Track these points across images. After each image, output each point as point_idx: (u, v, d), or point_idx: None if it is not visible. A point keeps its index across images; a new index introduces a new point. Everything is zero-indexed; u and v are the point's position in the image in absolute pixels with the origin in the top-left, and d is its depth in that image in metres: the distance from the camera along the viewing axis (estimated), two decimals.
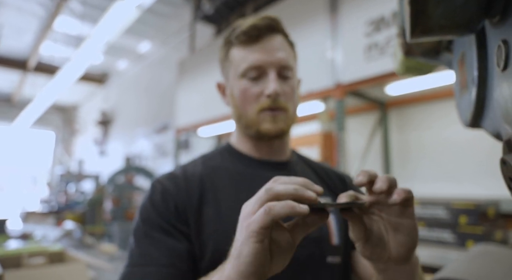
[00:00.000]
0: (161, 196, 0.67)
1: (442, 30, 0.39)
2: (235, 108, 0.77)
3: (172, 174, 0.72)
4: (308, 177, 0.78)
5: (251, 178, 0.73)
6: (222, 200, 0.68)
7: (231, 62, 0.76)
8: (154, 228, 0.64)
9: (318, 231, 0.70)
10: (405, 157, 2.87)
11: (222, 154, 0.79)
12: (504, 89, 0.37)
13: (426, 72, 0.76)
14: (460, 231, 1.93)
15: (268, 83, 0.72)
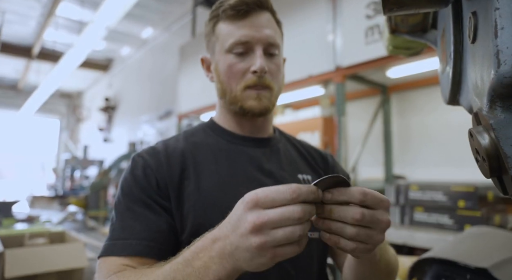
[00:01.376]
0: (143, 171, 0.67)
1: (415, 4, 0.38)
2: (220, 83, 0.75)
3: (153, 148, 0.72)
4: (289, 155, 0.81)
5: (232, 154, 0.74)
6: (203, 174, 0.68)
7: (218, 36, 0.75)
8: (135, 203, 0.64)
9: None
10: (406, 141, 2.86)
11: (204, 130, 0.79)
12: (474, 60, 0.37)
13: (416, 51, 0.75)
14: (459, 215, 1.94)
15: (254, 60, 0.71)
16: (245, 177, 0.70)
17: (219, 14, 0.74)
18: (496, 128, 0.32)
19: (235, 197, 0.57)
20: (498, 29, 0.29)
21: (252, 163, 0.73)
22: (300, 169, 0.79)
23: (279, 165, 0.76)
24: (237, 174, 0.71)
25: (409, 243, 1.96)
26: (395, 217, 2.23)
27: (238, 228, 0.44)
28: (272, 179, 0.73)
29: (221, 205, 0.64)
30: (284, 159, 0.78)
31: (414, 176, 2.78)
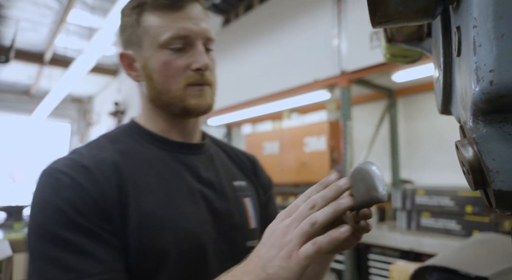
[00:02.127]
0: (73, 191, 0.54)
1: (402, 17, 0.39)
2: (152, 82, 0.66)
3: (77, 161, 0.58)
4: (222, 161, 0.77)
5: (169, 163, 0.66)
6: (142, 190, 0.59)
7: (147, 29, 0.65)
8: (74, 231, 0.51)
9: (239, 218, 0.69)
10: (413, 145, 2.84)
11: (130, 136, 0.68)
12: (460, 74, 0.37)
13: (414, 59, 0.76)
14: (467, 220, 1.91)
15: (196, 56, 0.65)
16: (187, 189, 0.64)
17: (146, 2, 0.65)
18: (479, 142, 0.32)
19: (181, 213, 0.60)
20: (476, 46, 0.30)
21: (191, 173, 0.67)
22: (234, 175, 0.76)
23: (216, 173, 0.71)
24: (178, 186, 0.64)
25: (416, 249, 1.94)
26: (402, 222, 2.22)
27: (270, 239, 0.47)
28: (212, 190, 0.68)
29: (169, 224, 0.59)
30: (219, 166, 0.74)
31: (421, 181, 2.75)
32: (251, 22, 3.35)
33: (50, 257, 0.50)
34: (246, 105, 3.35)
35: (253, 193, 0.77)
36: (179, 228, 0.59)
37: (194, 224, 0.61)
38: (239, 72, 3.45)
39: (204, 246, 0.61)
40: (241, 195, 0.73)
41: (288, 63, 2.82)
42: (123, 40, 0.70)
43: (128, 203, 0.57)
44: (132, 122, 0.72)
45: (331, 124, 3.00)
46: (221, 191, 0.70)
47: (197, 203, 0.64)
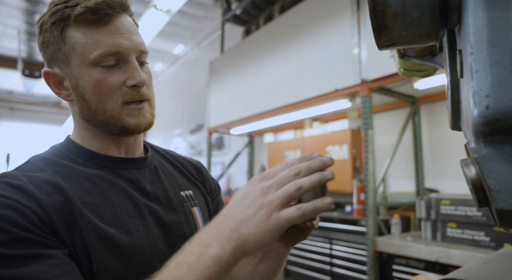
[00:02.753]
0: (13, 209, 0.49)
1: (406, 40, 0.41)
2: (85, 102, 0.62)
3: (10, 184, 0.53)
4: (167, 171, 0.74)
5: (113, 181, 0.63)
6: (88, 211, 0.56)
7: (73, 46, 0.60)
8: (19, 245, 0.48)
9: (188, 229, 0.68)
10: (437, 154, 2.77)
11: (67, 156, 0.64)
12: (463, 94, 0.39)
13: (428, 72, 0.76)
14: (496, 231, 1.85)
15: (131, 72, 0.62)
16: (132, 206, 0.62)
17: (68, 16, 0.59)
18: (480, 162, 0.33)
19: (128, 231, 0.59)
20: (473, 72, 0.31)
21: (135, 188, 0.65)
22: (181, 185, 0.74)
23: (161, 186, 0.70)
24: (123, 203, 0.61)
25: (442, 260, 1.89)
26: (427, 233, 2.16)
27: (245, 200, 0.46)
28: (159, 203, 0.67)
29: (116, 244, 0.57)
30: (164, 178, 0.72)
31: (447, 190, 2.67)
32: (271, 33, 3.40)
33: None
34: (268, 115, 3.38)
35: (202, 201, 0.76)
36: (126, 245, 0.57)
37: (141, 240, 0.60)
38: (261, 82, 3.50)
39: (152, 262, 0.60)
40: (189, 204, 0.72)
41: (309, 72, 2.84)
42: (47, 57, 0.64)
43: (73, 220, 0.54)
44: (68, 141, 0.67)
45: (353, 132, 2.98)
46: (168, 203, 0.68)
47: (144, 218, 0.62)
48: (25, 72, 6.85)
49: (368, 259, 2.27)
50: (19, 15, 6.34)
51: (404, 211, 2.72)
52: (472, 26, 0.32)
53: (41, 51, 0.65)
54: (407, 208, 2.73)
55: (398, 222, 2.31)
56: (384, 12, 0.39)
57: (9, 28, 6.72)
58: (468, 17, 0.32)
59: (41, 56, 0.66)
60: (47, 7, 0.63)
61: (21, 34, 6.67)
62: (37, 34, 0.64)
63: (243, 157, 4.99)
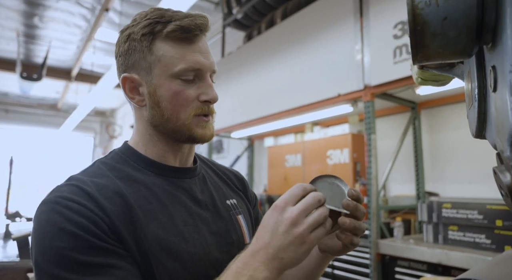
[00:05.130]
0: (85, 216, 0.54)
1: (441, 57, 0.45)
2: (160, 109, 0.67)
3: (82, 189, 0.58)
4: (213, 181, 0.80)
5: (169, 190, 0.68)
6: (147, 218, 0.61)
7: (159, 57, 0.65)
8: (93, 253, 0.52)
9: (236, 236, 0.73)
10: (438, 158, 2.82)
11: (127, 162, 0.68)
12: (496, 108, 0.42)
13: (444, 82, 0.80)
14: (497, 234, 1.90)
15: (205, 88, 0.68)
16: (187, 214, 0.67)
17: (160, 31, 0.65)
18: None
19: (184, 240, 0.63)
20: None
21: (188, 197, 0.69)
22: (226, 194, 0.79)
23: (209, 195, 0.74)
24: (179, 211, 0.66)
25: (444, 263, 1.93)
26: (429, 236, 2.21)
27: (278, 229, 0.53)
28: (209, 211, 0.71)
29: (174, 250, 0.61)
30: (211, 187, 0.77)
31: (446, 193, 2.73)
32: (274, 38, 3.44)
33: None
34: (269, 119, 3.42)
35: (245, 210, 0.81)
36: (183, 253, 0.62)
37: (196, 247, 0.64)
38: (263, 86, 3.54)
39: (207, 267, 0.64)
40: (234, 213, 0.76)
41: (312, 77, 2.89)
42: (127, 63, 0.68)
43: (135, 229, 0.58)
44: (127, 147, 0.71)
45: (353, 136, 3.02)
46: (216, 211, 0.73)
47: (197, 226, 0.67)
48: (23, 75, 6.82)
49: (371, 262, 2.31)
50: (17, 17, 6.33)
51: (405, 214, 2.77)
52: (511, 48, 0.35)
53: (121, 57, 0.69)
54: (407, 211, 2.77)
55: (401, 225, 2.36)
56: (423, 32, 0.42)
57: (7, 30, 6.70)
58: (508, 38, 0.36)
59: (117, 62, 0.70)
60: (136, 18, 0.68)
61: (20, 36, 6.65)
62: (121, 41, 0.68)
63: (243, 160, 5.01)
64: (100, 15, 5.73)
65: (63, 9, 6.00)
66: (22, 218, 3.63)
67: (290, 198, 0.55)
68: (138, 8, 5.95)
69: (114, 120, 13.30)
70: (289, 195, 0.55)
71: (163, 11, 0.66)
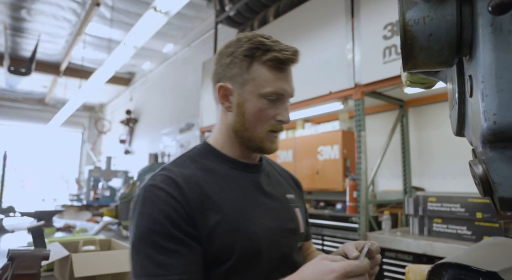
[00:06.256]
0: (168, 204, 0.69)
1: (427, 66, 0.52)
2: (242, 118, 0.80)
3: (170, 178, 0.72)
4: (275, 177, 0.93)
5: (240, 180, 0.81)
6: (221, 202, 0.74)
7: (254, 77, 0.79)
8: (166, 238, 0.67)
9: (293, 224, 0.85)
10: (424, 154, 2.94)
11: (206, 156, 0.83)
12: (472, 110, 0.50)
13: (430, 85, 0.88)
14: (477, 225, 2.01)
15: (282, 110, 0.81)
16: (255, 202, 0.80)
17: (261, 57, 0.78)
18: (486, 162, 0.45)
19: (253, 222, 0.77)
20: (484, 96, 0.42)
21: (257, 188, 0.83)
22: (286, 189, 0.92)
23: (273, 188, 0.87)
24: (248, 199, 0.79)
25: (429, 253, 2.04)
26: (415, 228, 2.32)
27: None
28: (273, 201, 0.84)
29: (243, 230, 0.74)
30: (274, 182, 0.90)
31: (432, 188, 2.85)
32: None
33: (149, 256, 0.66)
34: None
35: (301, 205, 0.93)
36: (251, 234, 0.75)
37: (262, 230, 0.77)
38: None
39: (270, 248, 0.77)
40: (292, 206, 0.88)
41: (304, 75, 2.96)
42: (225, 74, 0.82)
43: (210, 213, 0.72)
44: (206, 145, 0.86)
45: (344, 133, 3.12)
46: (279, 202, 0.85)
47: (263, 213, 0.80)
48: (11, 68, 6.72)
49: None
50: (4, 10, 6.22)
51: (392, 208, 2.88)
52: (483, 62, 0.43)
53: (221, 67, 0.82)
54: (394, 206, 2.89)
55: (388, 218, 2.46)
56: (412, 45, 0.50)
57: None
58: (480, 54, 0.43)
59: (216, 69, 0.84)
60: (241, 38, 0.82)
61: (7, 29, 6.54)
62: (224, 54, 0.82)
63: None
64: (91, 9, 5.69)
65: (52, 2, 5.93)
66: (16, 213, 3.63)
67: (350, 272, 0.60)
68: (129, 4, 5.92)
69: (103, 115, 13.19)
70: (350, 269, 0.60)
71: (264, 39, 0.80)
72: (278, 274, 0.75)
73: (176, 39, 7.53)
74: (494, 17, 0.42)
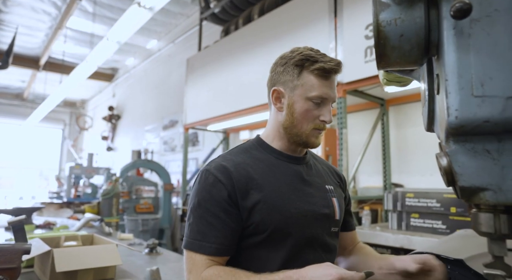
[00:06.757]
0: (214, 187, 0.87)
1: (399, 65, 0.56)
2: (292, 117, 0.94)
3: (221, 165, 0.90)
4: (317, 169, 1.05)
5: (282, 168, 0.95)
6: (263, 185, 0.89)
7: (303, 83, 0.93)
8: (207, 213, 0.86)
9: (328, 211, 0.96)
10: (403, 151, 3.03)
11: (257, 148, 0.99)
12: (439, 107, 0.54)
13: (405, 83, 0.92)
14: (451, 219, 2.10)
15: (325, 112, 0.94)
16: (292, 187, 0.93)
17: (309, 67, 0.93)
18: (450, 154, 0.49)
19: (289, 203, 0.91)
20: (448, 93, 0.46)
21: (296, 176, 0.96)
22: (326, 181, 1.03)
23: (313, 178, 1.00)
24: (287, 184, 0.93)
25: (406, 247, 2.12)
26: (393, 223, 2.39)
27: None
28: (311, 188, 0.96)
29: (279, 209, 0.88)
30: (315, 173, 1.02)
31: (411, 184, 2.94)
32: (251, 33, 3.52)
33: (194, 223, 0.87)
34: (245, 112, 3.51)
35: (340, 197, 1.04)
36: (286, 212, 0.88)
37: (297, 210, 0.90)
38: (240, 81, 3.61)
39: (303, 227, 0.90)
40: (330, 195, 1.00)
41: None
42: (279, 79, 0.97)
43: (253, 192, 0.88)
44: (258, 139, 1.02)
45: (326, 131, 3.17)
46: (317, 190, 0.98)
47: (300, 197, 0.93)
48: None
49: None
50: None
51: (372, 204, 2.96)
52: (447, 62, 0.47)
53: (276, 74, 0.98)
54: (375, 202, 2.96)
55: (368, 213, 2.53)
56: (385, 45, 0.53)
57: None
58: (445, 54, 0.47)
59: (272, 75, 0.99)
60: (294, 50, 0.97)
61: None
62: (279, 63, 0.98)
63: (218, 153, 5.08)
64: (72, 3, 5.57)
65: None
66: None
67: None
68: None
69: (85, 111, 12.92)
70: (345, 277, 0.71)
71: (313, 52, 0.94)
72: (310, 252, 0.90)
73: (160, 35, 7.45)
74: (456, 21, 0.46)
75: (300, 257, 0.89)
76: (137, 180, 5.69)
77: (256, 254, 0.89)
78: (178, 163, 6.33)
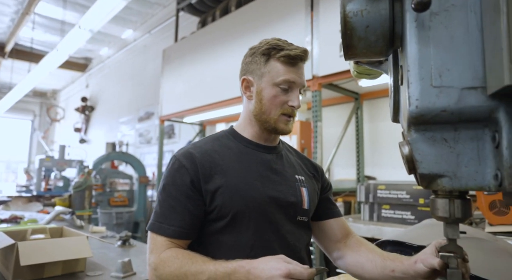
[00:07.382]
0: (178, 172, 0.91)
1: (365, 56, 0.57)
2: (260, 104, 0.97)
3: (188, 152, 0.93)
4: (289, 160, 1.07)
5: (249, 156, 0.98)
6: (228, 171, 0.92)
7: (270, 70, 0.96)
8: (170, 197, 0.90)
9: (294, 199, 0.97)
10: (376, 144, 3.11)
11: (227, 136, 1.02)
12: (402, 97, 0.56)
13: (375, 76, 0.95)
14: (419, 210, 2.18)
15: (293, 97, 0.97)
16: (258, 174, 0.96)
17: (275, 54, 0.96)
18: (411, 142, 0.50)
19: (252, 188, 0.93)
20: (409, 83, 0.48)
21: (264, 164, 0.98)
22: (297, 171, 1.05)
23: (282, 167, 1.02)
24: (253, 171, 0.95)
25: (377, 237, 2.19)
26: (366, 214, 2.46)
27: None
28: (279, 176, 0.98)
29: (241, 193, 0.90)
30: (286, 163, 1.04)
31: (383, 177, 3.02)
32: (228, 26, 3.49)
33: (159, 206, 0.91)
34: (221, 105, 3.49)
35: (311, 187, 1.04)
36: (248, 197, 0.91)
37: (259, 196, 0.92)
38: (216, 73, 3.58)
39: (266, 212, 0.92)
40: (299, 185, 1.01)
41: None
42: (248, 69, 1.00)
43: (217, 177, 0.91)
44: (231, 129, 1.05)
45: (302, 124, 3.20)
46: (285, 178, 0.99)
47: (264, 183, 0.95)
48: None
49: None
50: None
51: (346, 196, 3.03)
52: (409, 53, 0.48)
53: (245, 65, 1.02)
54: (348, 194, 3.04)
55: (342, 205, 2.59)
56: (351, 35, 0.54)
57: None
58: (407, 46, 0.49)
59: (241, 67, 1.03)
60: (262, 42, 1.01)
61: None
62: (248, 54, 1.02)
63: None
64: None
65: None
66: None
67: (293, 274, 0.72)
68: None
69: (57, 102, 12.44)
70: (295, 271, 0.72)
71: (279, 42, 0.98)
72: (275, 240, 0.92)
73: (136, 25, 7.26)
74: (417, 13, 0.47)
75: (265, 245, 0.90)
76: (111, 173, 5.57)
77: (221, 239, 0.91)
78: (153, 155, 6.23)
